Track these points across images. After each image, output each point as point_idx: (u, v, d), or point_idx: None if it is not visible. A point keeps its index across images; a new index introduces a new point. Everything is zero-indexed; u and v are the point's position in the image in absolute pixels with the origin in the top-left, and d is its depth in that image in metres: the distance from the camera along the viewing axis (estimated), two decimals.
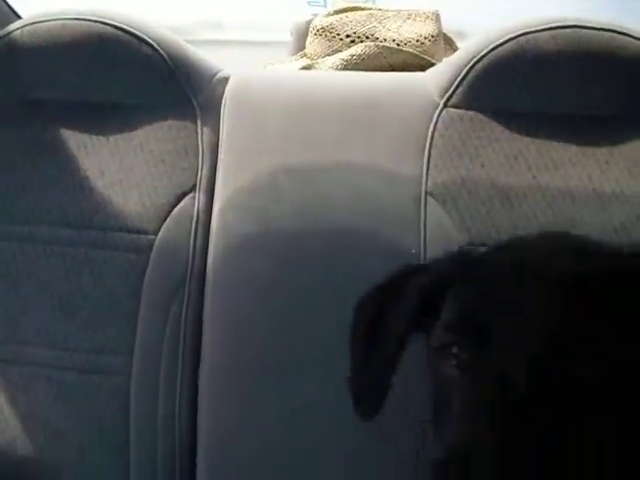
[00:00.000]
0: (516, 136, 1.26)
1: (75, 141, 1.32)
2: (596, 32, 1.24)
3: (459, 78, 1.26)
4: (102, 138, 1.32)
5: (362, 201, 1.23)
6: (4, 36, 1.34)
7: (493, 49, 1.25)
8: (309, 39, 1.61)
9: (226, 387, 1.22)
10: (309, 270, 1.21)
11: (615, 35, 1.24)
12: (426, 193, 1.23)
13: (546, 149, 1.25)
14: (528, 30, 1.25)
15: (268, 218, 1.23)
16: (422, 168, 1.24)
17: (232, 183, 1.27)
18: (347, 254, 1.21)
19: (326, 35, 1.57)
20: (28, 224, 1.31)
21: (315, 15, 1.68)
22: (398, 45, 1.52)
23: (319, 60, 1.55)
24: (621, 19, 1.27)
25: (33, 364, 1.29)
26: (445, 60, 1.45)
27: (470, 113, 1.26)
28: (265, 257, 1.21)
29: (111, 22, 1.32)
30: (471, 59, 1.26)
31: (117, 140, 1.31)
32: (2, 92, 1.35)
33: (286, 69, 1.57)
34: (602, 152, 1.26)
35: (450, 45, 1.69)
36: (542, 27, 1.25)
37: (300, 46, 1.68)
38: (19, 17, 1.60)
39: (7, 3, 1.59)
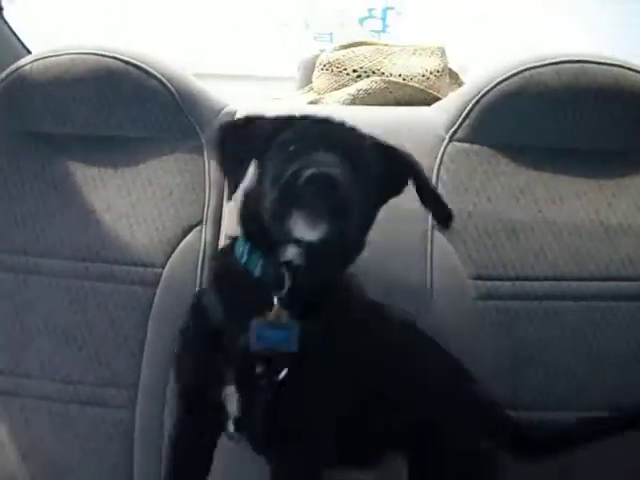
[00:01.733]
0: (522, 170, 1.26)
1: (83, 174, 1.33)
2: (600, 67, 1.25)
3: (465, 112, 1.27)
4: (110, 171, 1.33)
5: (368, 235, 1.23)
6: (14, 71, 1.35)
7: (498, 84, 1.26)
8: (316, 73, 1.62)
9: None
10: None
11: (620, 70, 1.25)
12: (433, 227, 1.23)
13: (552, 183, 1.26)
14: (532, 65, 1.27)
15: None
16: None
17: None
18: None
19: (333, 70, 1.58)
20: (34, 256, 1.31)
21: (322, 50, 1.70)
22: (404, 80, 1.53)
23: (326, 94, 1.56)
24: None
25: (35, 397, 1.28)
26: (451, 94, 1.46)
27: (476, 147, 1.27)
28: None
29: (119, 56, 1.33)
30: (476, 94, 1.27)
31: (124, 173, 1.32)
32: (12, 125, 1.36)
33: (293, 103, 1.58)
34: (609, 186, 1.26)
35: (455, 80, 1.70)
36: (546, 62, 1.27)
37: (307, 80, 1.69)
38: (29, 52, 1.62)
39: (18, 38, 1.61)
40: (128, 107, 1.33)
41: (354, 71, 1.56)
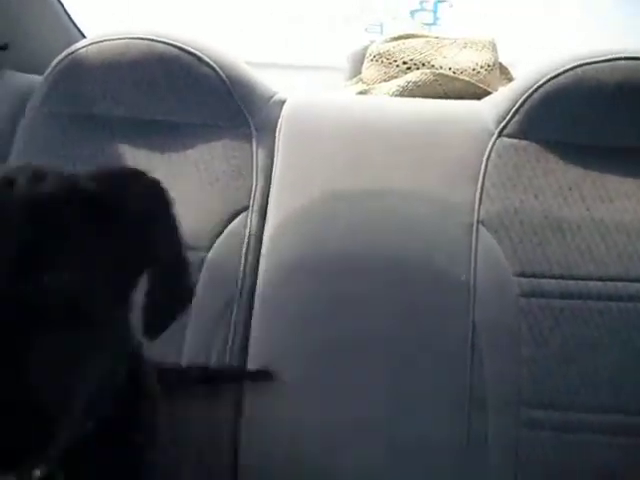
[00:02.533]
0: (571, 167, 1.25)
1: (133, 157, 1.35)
2: None
3: (515, 107, 1.26)
4: (158, 155, 1.34)
5: (413, 228, 1.23)
6: (69, 54, 1.38)
7: (550, 79, 1.25)
8: (365, 64, 1.62)
9: (270, 407, 1.22)
10: (359, 296, 1.21)
11: None
12: (478, 222, 1.22)
13: (601, 182, 1.24)
14: (586, 61, 1.25)
15: (319, 241, 1.24)
16: (475, 197, 1.24)
17: (285, 204, 1.28)
18: (398, 280, 1.21)
19: (383, 61, 1.58)
20: None
21: (372, 42, 1.69)
22: (454, 73, 1.52)
23: (375, 85, 1.56)
24: None
25: None
26: (501, 89, 1.45)
27: (525, 143, 1.26)
28: (316, 280, 1.22)
29: (173, 42, 1.35)
30: (528, 88, 1.26)
31: (173, 158, 1.34)
32: (66, 108, 1.39)
33: (342, 94, 1.58)
34: None
35: (505, 74, 1.68)
36: (600, 58, 1.25)
37: (356, 71, 1.69)
38: (84, 36, 1.65)
39: (74, 22, 1.64)
40: (179, 92, 1.34)
41: (404, 63, 1.56)
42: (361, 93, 1.57)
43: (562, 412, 1.16)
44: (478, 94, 1.47)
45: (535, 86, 1.26)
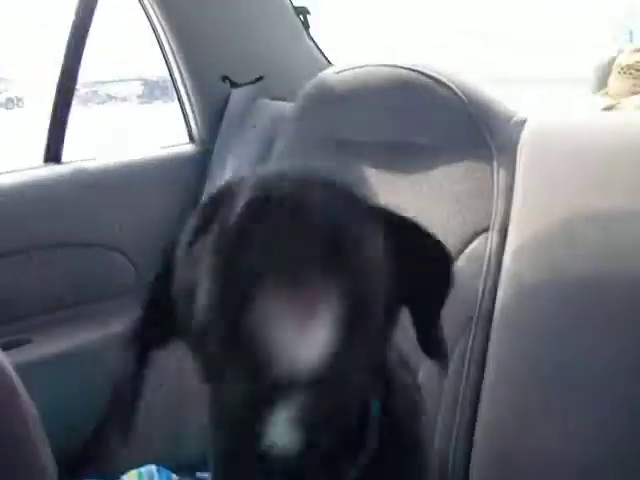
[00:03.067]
0: None
1: (377, 179, 1.41)
2: None
3: None
4: (402, 176, 1.39)
5: None
6: (317, 82, 1.48)
7: None
8: (612, 77, 1.56)
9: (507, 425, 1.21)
10: (601, 322, 1.16)
11: None
12: None
13: None
14: None
15: (560, 265, 1.21)
16: None
17: (526, 226, 1.26)
18: None
19: (631, 73, 1.50)
20: None
21: (620, 52, 1.62)
22: None
23: (622, 99, 1.50)
24: None
25: None
26: None
27: None
28: (556, 304, 1.19)
29: (412, 67, 1.39)
30: None
31: (416, 179, 1.38)
32: (314, 132, 1.49)
33: (585, 111, 1.53)
34: None
35: None
36: None
37: (601, 83, 1.63)
38: (330, 63, 1.75)
39: (320, 50, 1.75)
40: (421, 115, 1.39)
41: None
42: (607, 107, 1.51)
43: None
44: None
45: None
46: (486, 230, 1.30)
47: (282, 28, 1.75)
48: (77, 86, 1.56)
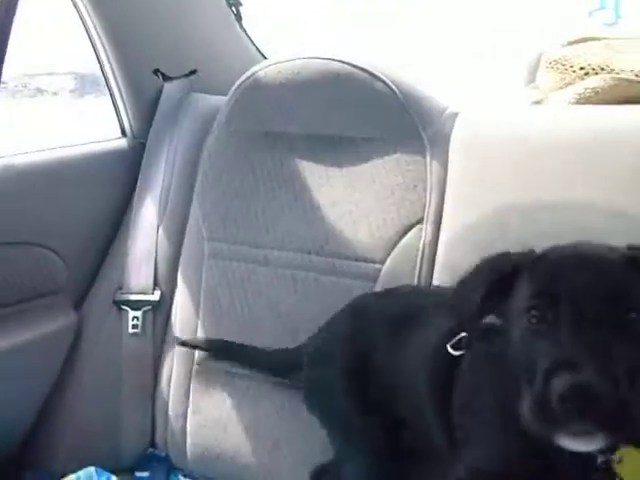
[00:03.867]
0: None
1: (310, 172, 1.41)
2: None
3: None
4: (335, 170, 1.40)
5: (599, 239, 1.19)
6: (250, 76, 1.47)
7: None
8: (540, 71, 1.58)
9: None
10: None
11: None
12: None
13: None
14: None
15: (492, 253, 1.23)
16: None
17: (459, 217, 1.28)
18: None
19: (558, 68, 1.53)
20: (263, 248, 1.42)
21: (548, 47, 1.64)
22: (637, 76, 1.45)
23: (550, 93, 1.52)
24: None
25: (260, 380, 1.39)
26: None
27: None
28: None
29: (345, 60, 1.40)
30: None
31: (349, 172, 1.38)
32: (247, 126, 1.48)
33: (515, 105, 1.55)
34: None
35: None
36: None
37: (532, 78, 1.65)
38: (264, 56, 1.74)
39: (255, 45, 1.74)
40: (354, 108, 1.39)
41: (581, 69, 1.50)
42: (537, 102, 1.53)
43: None
44: None
45: None
46: (420, 222, 1.31)
47: (215, 20, 1.73)
48: (6, 79, 1.52)
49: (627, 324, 0.75)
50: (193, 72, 1.65)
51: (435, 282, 1.27)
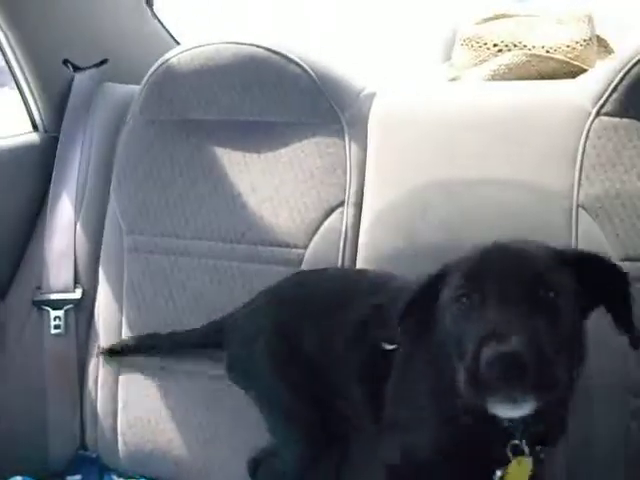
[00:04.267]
0: None
1: (229, 159, 1.39)
2: None
3: (613, 84, 1.21)
4: (254, 155, 1.38)
5: (508, 216, 1.21)
6: (163, 63, 1.43)
7: None
8: (456, 49, 1.59)
9: None
10: None
11: None
12: (578, 206, 1.19)
13: None
14: None
15: (414, 233, 1.23)
16: (573, 180, 1.20)
17: (380, 198, 1.28)
18: None
19: (472, 45, 1.54)
20: (184, 238, 1.39)
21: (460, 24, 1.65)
22: (547, 52, 1.47)
23: (465, 71, 1.53)
24: None
25: (188, 372, 1.37)
26: (597, 66, 1.40)
27: (625, 121, 1.20)
28: (412, 272, 1.21)
29: (260, 45, 1.38)
30: (626, 64, 1.20)
31: (268, 157, 1.37)
32: (163, 114, 1.45)
33: (432, 83, 1.56)
34: None
35: (605, 47, 1.61)
36: None
37: (447, 56, 1.67)
38: (177, 42, 1.70)
39: (168, 31, 1.69)
40: (270, 93, 1.37)
41: (494, 45, 1.52)
42: (453, 79, 1.54)
43: None
44: (574, 72, 1.42)
45: (634, 60, 1.19)
46: (342, 205, 1.31)
47: (126, 7, 1.68)
48: None
49: (546, 302, 0.81)
50: (104, 61, 1.60)
51: (359, 264, 1.26)
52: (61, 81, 1.58)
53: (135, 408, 1.41)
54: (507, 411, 0.80)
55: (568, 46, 1.49)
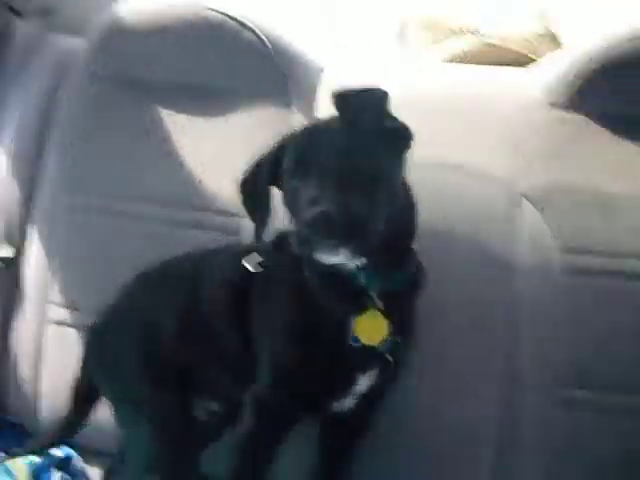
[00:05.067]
0: (623, 143, 1.19)
1: (173, 122, 1.35)
2: None
3: (564, 78, 1.21)
4: (200, 120, 1.34)
5: (454, 199, 1.21)
6: (112, 17, 1.38)
7: (603, 49, 1.19)
8: (411, 30, 1.59)
9: None
10: None
11: None
12: (521, 195, 1.19)
13: None
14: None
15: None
16: (519, 169, 1.20)
17: None
18: (440, 252, 1.16)
19: (430, 27, 1.54)
20: (122, 199, 1.35)
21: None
22: (502, 41, 1.48)
23: (420, 52, 1.53)
24: None
25: None
26: (551, 56, 1.40)
27: (575, 115, 1.21)
28: None
29: (218, 8, 1.34)
30: (581, 58, 1.20)
31: (213, 124, 1.33)
32: (108, 72, 1.40)
33: (385, 62, 1.55)
34: None
35: (557, 45, 1.63)
36: None
37: (403, 35, 1.65)
38: None
39: None
40: (222, 57, 1.34)
41: (450, 29, 1.52)
42: (407, 60, 1.53)
43: (599, 393, 1.13)
44: (527, 63, 1.43)
45: (589, 56, 1.20)
46: None
47: None
48: None
49: (360, 172, 0.93)
50: (47, 12, 1.53)
51: None
52: (3, 28, 1.51)
53: (59, 371, 1.36)
54: (329, 258, 0.92)
55: (523, 39, 1.49)
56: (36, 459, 1.23)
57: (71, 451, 1.28)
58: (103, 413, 1.27)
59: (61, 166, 1.40)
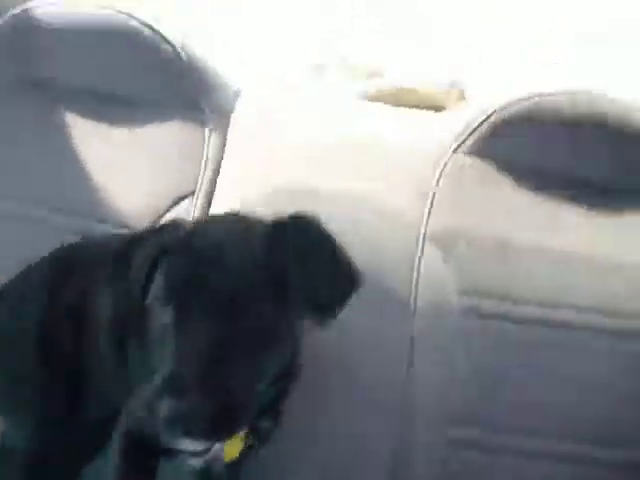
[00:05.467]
0: (524, 192, 1.23)
1: (82, 128, 1.31)
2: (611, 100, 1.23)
3: (474, 125, 1.25)
4: (109, 128, 1.30)
5: (359, 236, 1.20)
6: (23, 12, 1.32)
7: (510, 104, 1.24)
8: (331, 66, 1.61)
9: None
10: None
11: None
12: (424, 237, 1.20)
13: (553, 210, 1.23)
14: (547, 92, 1.24)
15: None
16: (424, 210, 1.22)
17: (231, 193, 1.25)
18: None
19: (346, 68, 1.57)
20: (22, 203, 1.29)
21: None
22: (418, 87, 1.52)
23: (337, 85, 1.55)
24: None
25: None
26: (461, 107, 1.45)
27: (480, 162, 1.24)
28: None
29: (137, 17, 1.31)
30: (488, 109, 1.25)
31: (123, 133, 1.30)
32: (15, 69, 1.34)
33: (301, 89, 1.56)
34: (608, 222, 1.23)
35: (462, 98, 1.69)
36: (559, 91, 1.24)
37: (323, 70, 1.68)
38: None
39: None
40: (137, 67, 1.30)
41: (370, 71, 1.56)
42: (323, 92, 1.55)
43: (491, 434, 1.14)
44: (439, 110, 1.47)
45: (493, 109, 1.24)
46: (191, 195, 1.26)
47: None
48: None
49: (239, 337, 0.77)
50: None
51: None
52: None
53: None
54: (185, 446, 0.79)
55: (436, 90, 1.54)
56: None
57: None
58: None
59: None
